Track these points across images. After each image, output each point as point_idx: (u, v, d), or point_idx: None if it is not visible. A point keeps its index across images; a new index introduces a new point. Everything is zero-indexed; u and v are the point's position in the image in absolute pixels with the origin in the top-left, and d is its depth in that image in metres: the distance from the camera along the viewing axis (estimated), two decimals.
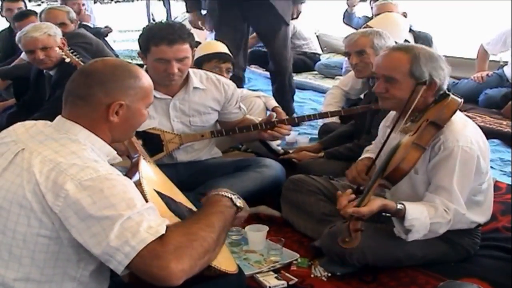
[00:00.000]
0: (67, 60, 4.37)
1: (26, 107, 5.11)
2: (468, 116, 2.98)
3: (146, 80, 2.14)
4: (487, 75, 6.38)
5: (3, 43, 6.91)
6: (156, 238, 1.81)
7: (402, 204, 2.66)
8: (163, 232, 1.84)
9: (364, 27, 4.78)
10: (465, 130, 2.76)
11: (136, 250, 1.78)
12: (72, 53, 4.40)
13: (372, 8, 7.22)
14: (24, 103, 5.27)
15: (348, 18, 8.08)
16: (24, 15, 5.93)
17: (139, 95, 2.10)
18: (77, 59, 4.37)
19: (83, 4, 7.58)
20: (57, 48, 4.39)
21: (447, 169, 2.71)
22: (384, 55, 2.93)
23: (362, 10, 8.26)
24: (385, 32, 4.05)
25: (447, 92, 2.80)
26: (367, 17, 7.88)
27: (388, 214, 2.71)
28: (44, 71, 4.73)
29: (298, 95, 6.95)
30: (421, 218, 2.66)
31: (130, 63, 2.23)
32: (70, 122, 2.03)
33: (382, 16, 5.41)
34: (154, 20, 12.84)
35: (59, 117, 2.07)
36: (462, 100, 2.75)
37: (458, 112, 2.77)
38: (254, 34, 8.90)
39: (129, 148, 2.60)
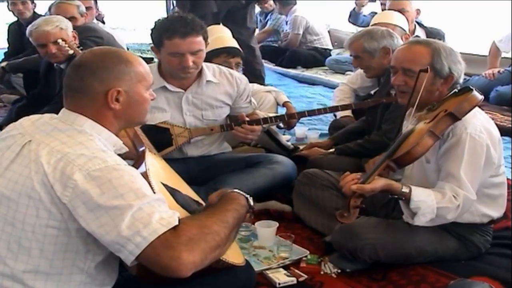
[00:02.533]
0: (71, 52, 4.36)
1: (35, 100, 5.12)
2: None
3: (138, 63, 2.12)
4: (499, 72, 6.35)
5: (12, 37, 6.90)
6: (168, 229, 1.82)
7: (408, 186, 2.67)
8: (176, 223, 1.85)
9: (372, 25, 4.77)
10: (474, 118, 2.75)
11: (148, 241, 1.79)
12: (78, 47, 4.41)
13: (381, 5, 7.22)
14: (34, 96, 5.28)
15: (354, 17, 8.10)
16: None
17: (134, 79, 2.09)
18: (80, 51, 4.36)
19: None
20: (60, 40, 4.39)
21: (456, 156, 2.70)
22: (404, 48, 2.96)
23: (370, 8, 8.24)
24: (383, 31, 4.01)
25: (471, 87, 2.77)
26: (375, 13, 7.87)
27: (395, 196, 2.70)
28: (55, 64, 4.73)
29: (308, 90, 6.97)
30: (428, 201, 2.65)
31: (122, 49, 2.22)
32: (75, 113, 2.03)
33: (381, 16, 5.35)
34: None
35: (63, 109, 2.07)
36: (483, 97, 2.74)
37: None
38: (265, 28, 8.96)
39: (134, 141, 2.59)
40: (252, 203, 2.18)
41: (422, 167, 2.85)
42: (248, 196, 2.18)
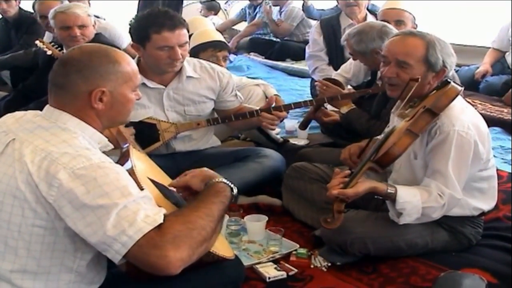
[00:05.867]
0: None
1: (24, 94, 5.08)
2: (468, 103, 2.96)
3: (127, 63, 2.09)
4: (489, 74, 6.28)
5: None
6: (153, 227, 1.80)
7: (394, 187, 2.67)
8: (161, 221, 1.83)
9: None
10: (462, 115, 2.73)
11: (134, 240, 1.77)
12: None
13: None
14: (24, 89, 5.23)
15: (307, 11, 8.04)
16: None
17: (121, 80, 2.06)
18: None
19: None
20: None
21: (443, 154, 2.69)
22: (398, 39, 2.91)
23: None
24: (373, 33, 3.97)
25: (448, 80, 2.77)
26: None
27: (380, 197, 2.71)
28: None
29: (298, 83, 6.93)
30: (413, 202, 2.66)
31: (112, 48, 2.18)
32: (58, 110, 2.01)
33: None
34: None
35: (47, 106, 2.05)
36: (463, 88, 2.73)
37: (458, 97, 2.74)
38: (254, 21, 8.93)
39: (118, 138, 2.58)
40: (235, 191, 2.14)
41: (409, 163, 2.84)
42: (233, 185, 2.15)
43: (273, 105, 3.62)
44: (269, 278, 2.77)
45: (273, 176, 3.66)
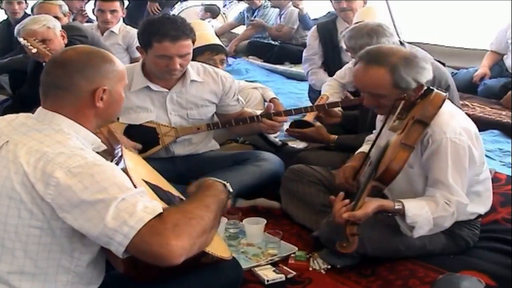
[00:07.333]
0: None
1: (21, 100, 5.07)
2: (467, 106, 2.96)
3: (119, 63, 2.15)
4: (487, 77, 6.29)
5: (0, 36, 6.85)
6: (154, 216, 1.81)
7: (400, 202, 2.65)
8: (160, 210, 1.85)
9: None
10: (452, 120, 2.73)
11: (135, 230, 1.78)
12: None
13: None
14: (21, 96, 5.24)
15: (303, 21, 8.00)
16: None
17: (117, 78, 2.11)
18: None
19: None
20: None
21: (440, 163, 2.69)
22: (361, 71, 2.83)
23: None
24: (363, 29, 3.94)
25: (431, 88, 2.76)
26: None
27: (389, 214, 2.70)
28: (44, 63, 4.68)
29: (297, 86, 6.92)
30: (423, 214, 2.64)
31: (102, 49, 2.22)
32: (52, 113, 2.03)
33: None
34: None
35: (40, 108, 2.07)
36: (447, 94, 2.72)
37: (446, 102, 2.73)
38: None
39: (110, 140, 2.58)
40: (230, 189, 2.17)
41: (405, 172, 2.79)
42: (224, 182, 2.16)
43: (272, 109, 3.62)
44: (267, 281, 2.77)
45: (272, 179, 3.66)
